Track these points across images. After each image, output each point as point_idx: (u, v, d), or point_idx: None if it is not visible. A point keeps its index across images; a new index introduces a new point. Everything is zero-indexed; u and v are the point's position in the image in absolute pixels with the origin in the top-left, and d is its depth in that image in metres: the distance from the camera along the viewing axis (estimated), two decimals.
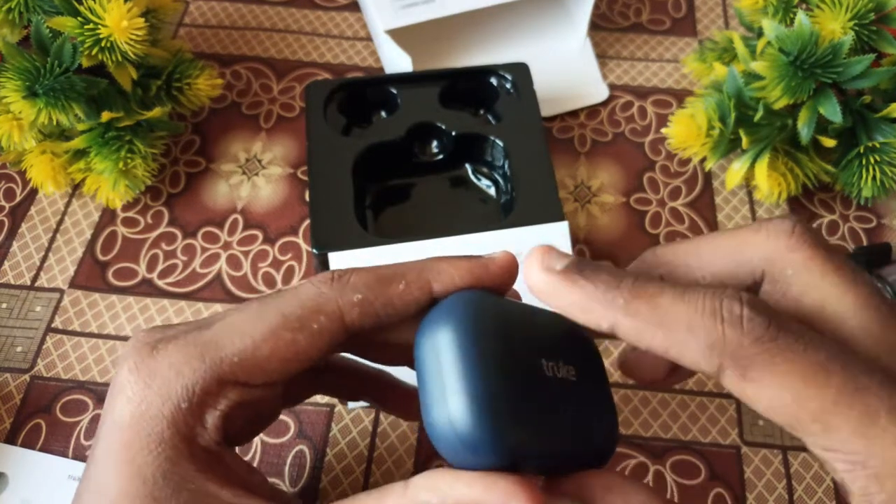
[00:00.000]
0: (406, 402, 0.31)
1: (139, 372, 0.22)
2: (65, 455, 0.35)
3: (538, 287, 0.21)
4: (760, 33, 0.41)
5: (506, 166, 0.41)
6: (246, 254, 0.41)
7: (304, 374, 0.23)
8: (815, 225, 0.43)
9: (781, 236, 0.21)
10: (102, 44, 0.36)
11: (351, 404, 0.37)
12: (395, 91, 0.42)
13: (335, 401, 0.37)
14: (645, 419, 0.37)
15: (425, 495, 0.20)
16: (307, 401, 0.36)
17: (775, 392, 0.19)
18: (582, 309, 0.20)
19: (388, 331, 0.24)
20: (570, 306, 0.21)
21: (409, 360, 0.25)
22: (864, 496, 0.19)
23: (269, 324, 0.22)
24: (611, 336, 0.21)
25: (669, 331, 0.19)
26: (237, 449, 0.31)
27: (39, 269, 0.41)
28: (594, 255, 0.42)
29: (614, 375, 0.38)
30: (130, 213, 0.43)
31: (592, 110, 0.48)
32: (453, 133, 0.41)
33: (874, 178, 0.38)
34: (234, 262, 0.41)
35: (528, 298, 0.23)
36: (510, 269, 0.23)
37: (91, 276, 0.40)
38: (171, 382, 0.21)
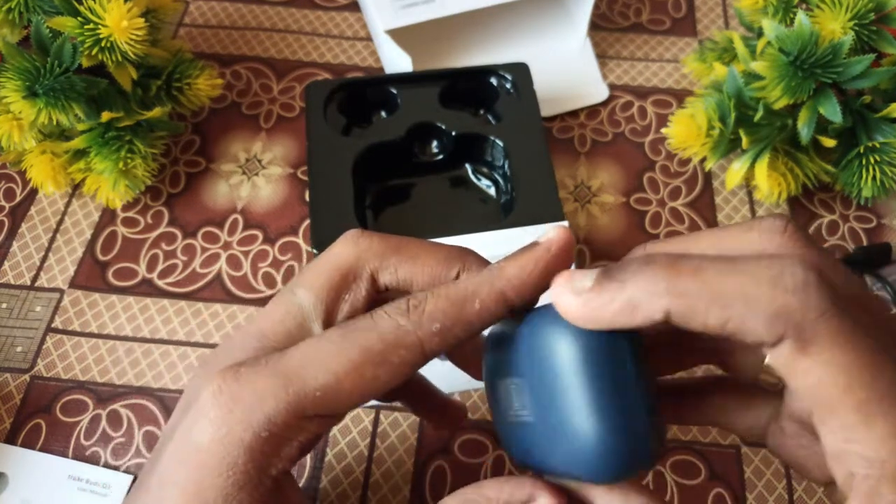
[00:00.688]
0: (442, 409, 0.31)
1: (223, 395, 0.21)
2: (65, 455, 0.35)
3: (578, 312, 0.20)
4: (760, 33, 0.41)
5: (506, 166, 0.41)
6: (246, 254, 0.41)
7: None
8: (815, 225, 0.43)
9: (774, 235, 0.21)
10: (102, 44, 0.36)
11: None
12: (395, 91, 0.42)
13: None
14: None
15: None
16: None
17: (829, 371, 0.18)
18: (629, 312, 0.19)
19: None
20: (616, 315, 0.19)
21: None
22: (872, 497, 0.18)
23: (351, 359, 0.21)
24: (667, 328, 0.20)
25: (725, 305, 0.18)
26: None
27: (39, 269, 0.41)
28: (594, 255, 0.42)
29: None
30: (130, 213, 0.43)
31: (592, 110, 0.48)
32: (453, 133, 0.41)
33: (874, 178, 0.38)
34: (234, 262, 0.41)
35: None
36: (570, 244, 0.23)
37: (91, 276, 0.40)
38: (254, 410, 0.21)
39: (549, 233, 0.22)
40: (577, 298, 0.20)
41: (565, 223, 0.37)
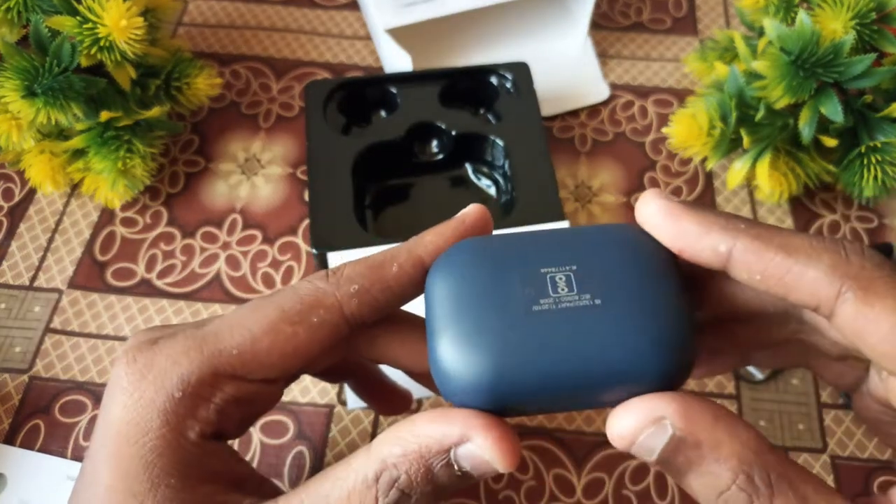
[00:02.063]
0: (389, 396, 0.31)
1: (136, 363, 0.22)
2: (63, 456, 0.35)
3: (656, 212, 0.21)
4: (761, 32, 0.40)
5: (506, 166, 0.40)
6: (245, 254, 0.41)
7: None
8: (816, 225, 0.43)
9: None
10: (101, 43, 0.36)
11: (350, 405, 0.36)
12: (394, 90, 0.42)
13: (335, 401, 0.37)
14: None
15: (388, 448, 0.20)
16: (306, 401, 0.36)
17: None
18: (700, 232, 0.20)
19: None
20: (688, 231, 0.21)
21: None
22: None
23: (268, 318, 0.22)
24: (717, 267, 0.21)
25: (790, 254, 0.20)
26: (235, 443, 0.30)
27: (38, 269, 0.41)
28: None
29: None
30: (129, 213, 0.43)
31: (593, 110, 0.47)
32: (453, 132, 0.41)
33: (875, 177, 0.38)
34: (233, 262, 0.41)
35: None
36: (485, 217, 0.24)
37: (90, 276, 0.40)
38: (167, 372, 0.21)
39: (466, 209, 0.24)
40: (662, 201, 0.21)
41: (565, 223, 0.36)
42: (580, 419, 0.36)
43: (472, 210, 0.24)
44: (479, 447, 0.19)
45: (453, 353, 0.20)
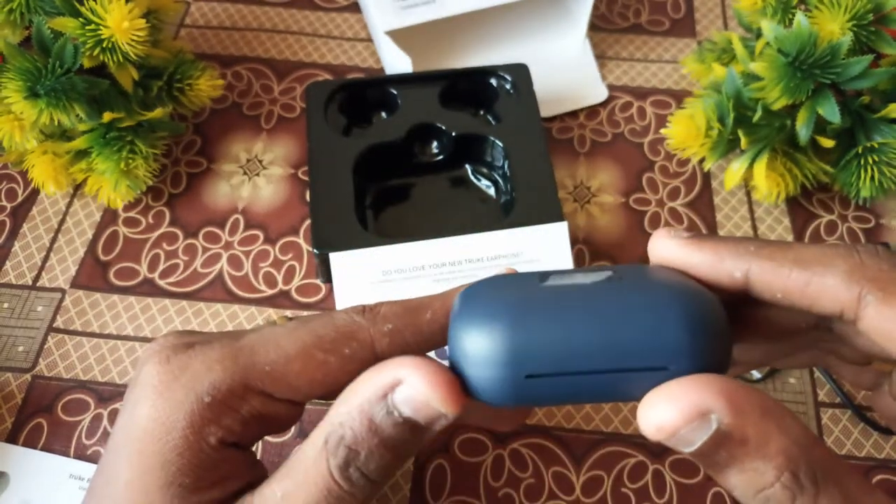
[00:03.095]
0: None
1: (170, 364, 0.22)
2: (66, 455, 0.35)
3: (669, 251, 0.22)
4: (759, 34, 0.41)
5: (505, 167, 0.41)
6: (247, 254, 0.42)
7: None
8: (813, 225, 0.43)
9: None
10: (104, 44, 0.37)
11: None
12: (395, 92, 0.43)
13: None
14: None
15: (335, 409, 0.20)
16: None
17: None
18: (713, 262, 0.21)
19: None
20: (701, 262, 0.21)
21: None
22: None
23: (303, 341, 0.22)
24: (740, 291, 0.21)
25: (804, 267, 0.20)
26: None
27: (41, 269, 0.41)
28: (593, 256, 0.42)
29: None
30: (132, 214, 0.43)
31: (592, 111, 0.48)
32: (453, 133, 0.41)
33: (872, 178, 0.38)
34: (235, 262, 0.41)
35: None
36: None
37: (92, 275, 0.41)
38: (200, 377, 0.22)
39: (500, 269, 0.24)
40: (672, 240, 0.22)
41: (564, 223, 0.37)
42: (579, 417, 0.37)
43: (503, 271, 0.24)
44: (412, 387, 0.19)
45: (469, 327, 0.19)
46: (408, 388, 0.19)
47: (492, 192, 0.42)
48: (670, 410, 0.17)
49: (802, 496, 0.18)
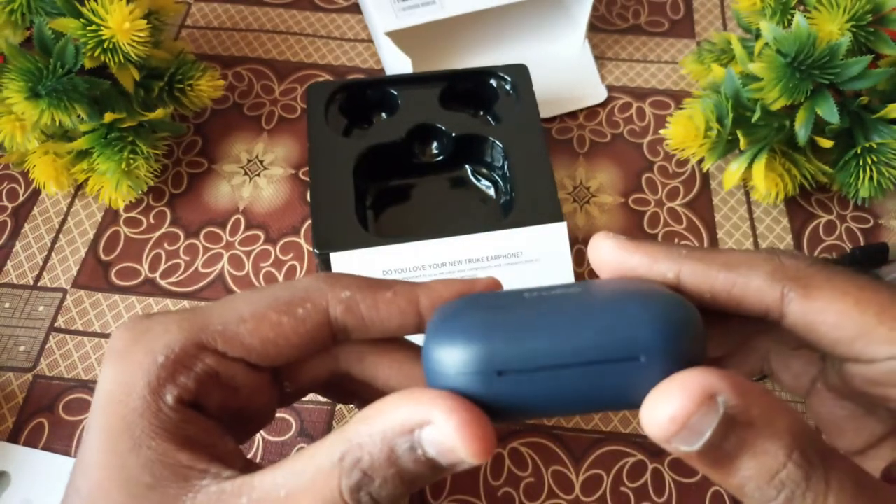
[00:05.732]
0: None
1: (132, 330, 0.23)
2: (67, 454, 0.35)
3: (606, 253, 0.23)
4: (758, 35, 0.41)
5: (505, 167, 0.41)
6: (248, 254, 0.42)
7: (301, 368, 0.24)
8: (812, 225, 0.43)
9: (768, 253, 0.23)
10: (105, 45, 0.37)
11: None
12: (395, 92, 0.43)
13: None
14: None
15: (355, 427, 0.19)
16: (308, 399, 0.37)
17: (839, 301, 0.20)
18: (648, 263, 0.22)
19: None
20: (638, 264, 0.22)
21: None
22: None
23: (259, 303, 0.23)
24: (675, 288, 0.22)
25: (731, 269, 0.21)
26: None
27: (42, 268, 0.41)
28: None
29: None
30: (133, 214, 0.43)
31: (591, 111, 0.48)
32: (453, 134, 0.41)
33: (871, 178, 0.38)
34: (235, 262, 0.41)
35: None
36: (497, 287, 0.25)
37: (94, 275, 0.41)
38: (157, 338, 0.22)
39: (482, 277, 0.25)
40: (610, 241, 0.23)
41: (563, 224, 0.37)
42: (578, 416, 0.37)
43: (486, 278, 0.25)
44: (441, 431, 0.18)
45: (441, 334, 0.19)
46: (437, 432, 0.18)
47: (492, 192, 0.42)
48: (680, 398, 0.17)
49: (815, 473, 0.18)
